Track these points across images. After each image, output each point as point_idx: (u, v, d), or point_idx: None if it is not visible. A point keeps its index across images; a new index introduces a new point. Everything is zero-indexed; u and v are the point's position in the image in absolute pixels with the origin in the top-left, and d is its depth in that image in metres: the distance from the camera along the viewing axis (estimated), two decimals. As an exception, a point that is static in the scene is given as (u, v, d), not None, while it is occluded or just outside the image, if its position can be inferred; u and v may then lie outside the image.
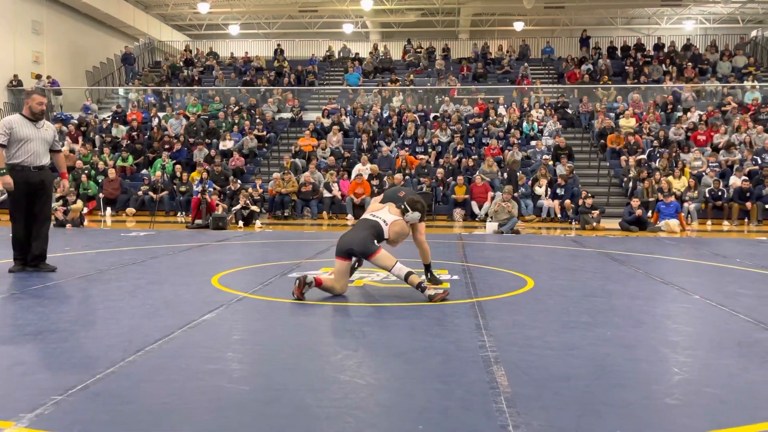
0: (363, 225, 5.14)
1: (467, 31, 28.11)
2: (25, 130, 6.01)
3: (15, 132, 5.97)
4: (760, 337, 3.90)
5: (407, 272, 4.91)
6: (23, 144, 5.99)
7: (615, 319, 4.40)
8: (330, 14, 27.09)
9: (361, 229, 5.08)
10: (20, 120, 6.06)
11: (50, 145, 6.28)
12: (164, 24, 28.52)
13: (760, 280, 6.15)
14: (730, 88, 19.34)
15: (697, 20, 26.74)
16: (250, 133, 17.45)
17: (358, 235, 5.04)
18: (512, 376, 3.07)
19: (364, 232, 5.05)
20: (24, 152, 6.00)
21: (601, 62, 21.62)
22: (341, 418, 2.54)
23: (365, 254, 4.98)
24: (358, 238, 5.01)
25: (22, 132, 5.99)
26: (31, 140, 6.02)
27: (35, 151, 6.06)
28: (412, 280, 4.90)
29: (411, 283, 4.91)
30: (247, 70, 22.82)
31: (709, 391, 2.97)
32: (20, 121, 6.04)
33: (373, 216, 5.17)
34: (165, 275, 6.11)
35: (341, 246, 5.00)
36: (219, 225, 11.92)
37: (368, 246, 4.97)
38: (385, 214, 5.18)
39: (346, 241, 5.02)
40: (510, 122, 17.77)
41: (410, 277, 4.91)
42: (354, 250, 4.97)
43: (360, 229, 5.09)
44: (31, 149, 6.03)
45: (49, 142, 6.23)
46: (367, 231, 5.04)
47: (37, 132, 6.09)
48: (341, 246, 5.00)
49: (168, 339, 3.68)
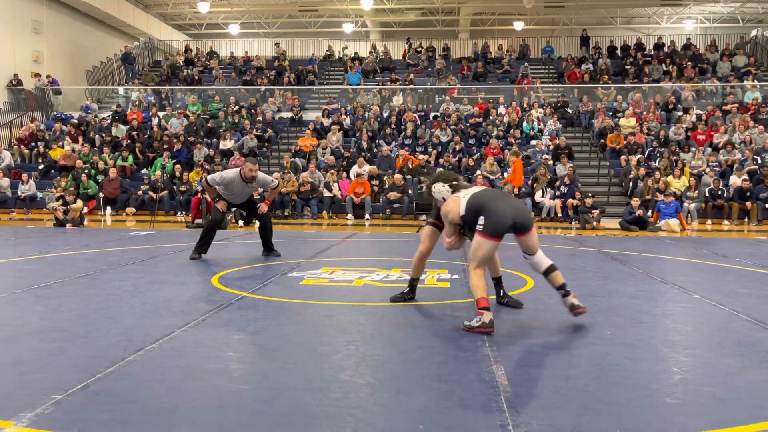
0: (495, 196, 4.23)
1: (467, 31, 28.10)
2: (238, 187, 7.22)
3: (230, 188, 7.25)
4: (760, 337, 3.90)
5: (550, 265, 4.21)
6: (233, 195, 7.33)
7: (615, 318, 4.40)
8: (330, 14, 27.09)
9: (508, 199, 4.25)
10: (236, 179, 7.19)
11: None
12: (164, 23, 28.52)
13: (759, 280, 6.15)
14: (730, 87, 19.33)
15: (697, 20, 26.73)
16: (250, 133, 17.45)
17: (517, 205, 4.22)
18: (512, 375, 3.07)
19: (517, 202, 4.30)
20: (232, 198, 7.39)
21: (601, 62, 21.61)
22: (341, 418, 2.54)
23: (527, 228, 4.13)
24: (520, 209, 4.16)
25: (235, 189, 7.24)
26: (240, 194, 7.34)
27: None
28: (555, 278, 4.20)
29: (553, 281, 4.21)
30: (247, 69, 22.82)
31: (709, 390, 2.97)
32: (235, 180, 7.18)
33: (478, 189, 4.31)
34: (165, 275, 6.11)
35: (501, 224, 3.96)
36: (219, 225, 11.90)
37: (529, 218, 4.21)
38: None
39: (508, 215, 3.99)
40: (510, 122, 17.77)
41: (553, 273, 4.20)
42: (518, 224, 4.06)
43: (505, 199, 4.22)
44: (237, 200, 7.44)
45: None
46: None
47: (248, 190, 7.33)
48: (501, 224, 3.96)
49: (168, 338, 3.69)
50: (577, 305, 4.12)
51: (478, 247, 4.02)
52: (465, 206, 4.15)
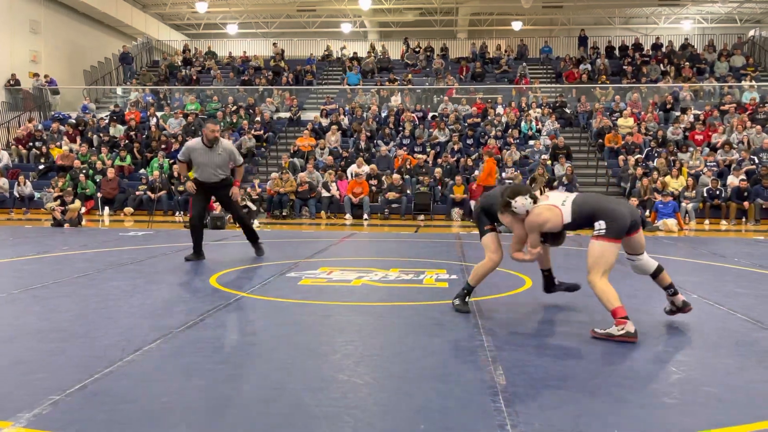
0: (600, 197, 4.22)
1: (465, 31, 28.11)
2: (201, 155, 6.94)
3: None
4: (758, 336, 3.91)
5: (658, 265, 4.17)
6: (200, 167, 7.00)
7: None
8: (328, 14, 27.08)
9: (612, 199, 4.21)
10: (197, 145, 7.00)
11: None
12: (162, 23, 28.49)
13: (757, 280, 6.17)
14: (727, 87, 19.36)
15: (695, 20, 26.76)
16: (248, 133, 17.45)
17: (626, 204, 4.21)
18: (510, 375, 3.07)
19: (624, 201, 4.33)
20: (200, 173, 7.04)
21: (599, 62, 21.63)
22: (339, 418, 2.54)
23: (638, 225, 4.08)
24: (631, 206, 4.15)
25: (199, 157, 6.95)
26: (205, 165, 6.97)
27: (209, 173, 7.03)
28: (663, 278, 4.15)
29: (662, 281, 4.15)
30: (245, 69, 22.81)
31: (707, 390, 2.98)
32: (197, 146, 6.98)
33: (573, 195, 4.24)
34: (163, 275, 6.10)
35: (623, 224, 3.89)
36: (217, 224, 11.92)
37: (639, 214, 4.20)
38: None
39: (627, 214, 3.95)
40: (508, 122, 17.78)
41: (661, 273, 4.15)
42: (634, 221, 4.01)
43: (610, 199, 4.18)
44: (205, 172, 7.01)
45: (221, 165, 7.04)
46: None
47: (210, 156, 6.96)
48: (623, 224, 3.89)
49: (166, 338, 3.68)
50: (687, 302, 4.15)
51: (601, 254, 3.86)
52: (571, 213, 4.01)
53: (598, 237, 3.88)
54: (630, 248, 4.09)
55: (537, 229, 4.11)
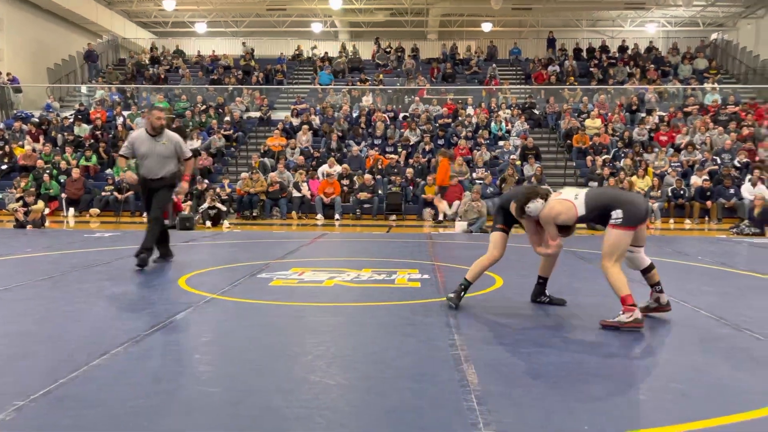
0: (609, 190, 4.63)
1: (436, 32, 28.22)
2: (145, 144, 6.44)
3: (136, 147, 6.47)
4: (722, 333, 4.00)
5: (651, 263, 4.32)
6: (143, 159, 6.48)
7: (581, 316, 4.46)
8: (298, 13, 26.92)
9: (620, 190, 4.52)
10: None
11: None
12: (128, 21, 27.98)
13: (720, 277, 6.31)
14: (691, 90, 19.81)
15: (660, 23, 27.30)
16: (217, 132, 17.26)
17: (637, 195, 4.53)
18: (483, 373, 3.09)
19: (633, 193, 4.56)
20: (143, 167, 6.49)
21: (567, 64, 21.93)
22: (311, 419, 2.52)
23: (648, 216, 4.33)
24: (641, 197, 4.44)
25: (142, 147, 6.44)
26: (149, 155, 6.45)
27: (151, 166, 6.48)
28: (653, 275, 4.32)
29: (651, 279, 4.32)
30: (214, 68, 22.56)
31: (675, 386, 3.03)
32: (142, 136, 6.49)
33: (585, 190, 4.47)
34: (131, 277, 5.99)
35: (639, 212, 4.11)
36: (186, 225, 11.76)
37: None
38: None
39: (641, 203, 4.21)
40: (478, 122, 17.91)
41: (652, 271, 4.31)
42: (648, 214, 4.27)
43: (618, 190, 4.49)
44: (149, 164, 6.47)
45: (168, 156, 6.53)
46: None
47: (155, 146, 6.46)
48: (639, 212, 4.11)
49: (134, 341, 3.61)
50: (668, 303, 4.32)
51: (617, 241, 4.03)
52: (584, 206, 4.17)
53: (615, 226, 4.04)
54: (634, 239, 4.19)
55: (551, 221, 4.26)
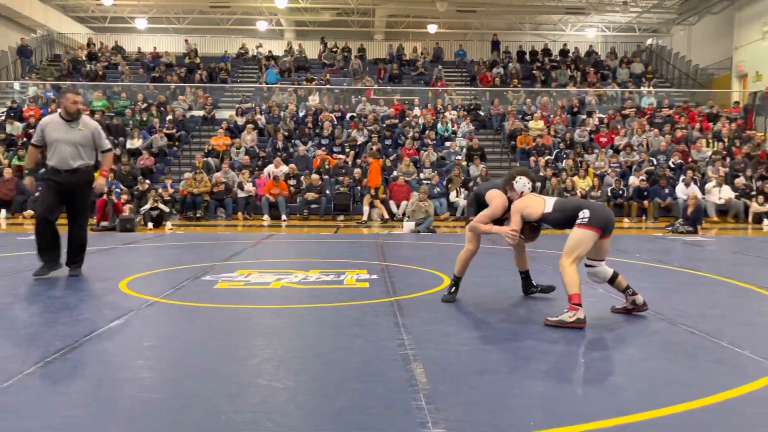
0: (578, 199, 4.66)
1: (382, 32, 28.33)
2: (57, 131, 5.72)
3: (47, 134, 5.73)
4: (658, 327, 4.16)
5: (613, 271, 4.45)
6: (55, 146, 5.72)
7: (527, 313, 4.56)
8: (243, 11, 26.53)
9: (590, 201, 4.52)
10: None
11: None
12: (64, 15, 26.94)
13: (657, 274, 6.56)
14: (628, 93, 20.54)
15: (599, 28, 28.19)
16: (159, 131, 16.83)
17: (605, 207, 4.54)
18: (431, 372, 3.11)
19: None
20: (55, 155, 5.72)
21: (511, 66, 22.38)
22: (259, 423, 2.49)
23: (612, 230, 4.38)
24: (612, 216, 4.40)
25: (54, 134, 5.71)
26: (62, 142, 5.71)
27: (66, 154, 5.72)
28: (620, 282, 4.44)
29: (619, 285, 4.43)
30: (155, 65, 21.98)
31: (613, 379, 3.14)
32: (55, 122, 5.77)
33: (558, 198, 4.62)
34: (68, 280, 5.76)
35: (605, 217, 4.23)
36: (127, 227, 11.42)
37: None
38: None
39: (607, 212, 4.34)
40: (425, 123, 18.06)
41: (618, 278, 4.43)
42: (612, 227, 4.33)
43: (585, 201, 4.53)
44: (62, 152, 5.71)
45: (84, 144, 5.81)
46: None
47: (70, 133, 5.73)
48: (605, 217, 4.23)
49: (71, 348, 3.48)
50: (645, 302, 4.42)
51: (581, 241, 4.15)
52: (553, 205, 4.31)
53: (580, 225, 4.16)
54: (596, 253, 4.33)
55: (519, 211, 4.39)
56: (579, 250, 4.16)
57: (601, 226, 4.18)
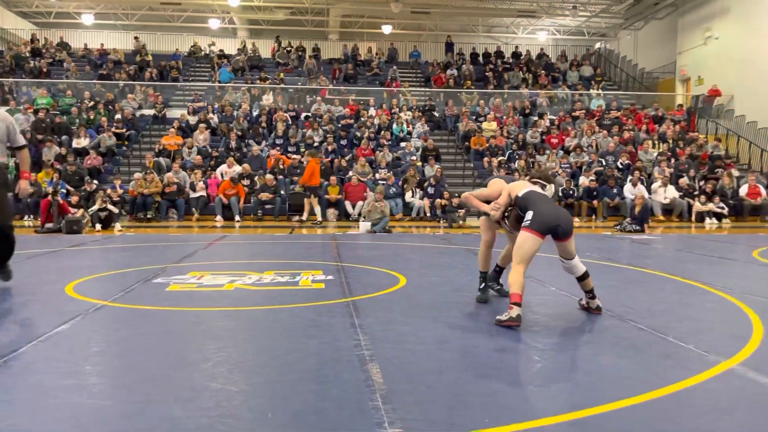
0: (546, 199, 4.42)
1: (337, 32, 28.25)
2: None
3: None
4: (609, 324, 4.26)
5: (585, 271, 4.47)
6: None
7: (481, 312, 4.62)
8: (194, 8, 26.04)
9: (554, 204, 4.47)
10: None
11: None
12: (6, 10, 25.91)
13: (607, 272, 6.73)
14: (578, 95, 21.04)
15: (549, 31, 28.77)
16: (107, 131, 16.36)
17: (562, 211, 4.44)
18: (387, 372, 3.11)
19: (563, 209, 4.53)
20: None
21: (464, 67, 22.63)
22: (213, 428, 2.44)
23: (568, 234, 4.33)
24: (564, 214, 4.37)
25: None
26: None
27: None
28: (587, 283, 4.49)
29: (585, 286, 4.50)
30: (103, 63, 21.37)
31: (565, 376, 3.20)
32: None
33: (539, 191, 4.50)
34: (11, 284, 5.53)
35: (547, 221, 4.20)
36: (73, 228, 11.06)
37: (571, 225, 4.39)
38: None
39: (553, 216, 4.26)
40: (380, 123, 18.10)
41: (586, 279, 4.47)
42: (561, 228, 4.27)
43: (553, 204, 4.45)
44: None
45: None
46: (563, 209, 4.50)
47: None
48: (547, 221, 4.20)
49: (15, 354, 3.34)
50: (600, 307, 4.52)
51: (523, 243, 4.21)
52: (526, 193, 4.40)
53: (523, 227, 4.26)
54: (562, 252, 4.46)
55: (508, 189, 4.54)
56: (521, 252, 4.22)
57: (541, 230, 4.20)
